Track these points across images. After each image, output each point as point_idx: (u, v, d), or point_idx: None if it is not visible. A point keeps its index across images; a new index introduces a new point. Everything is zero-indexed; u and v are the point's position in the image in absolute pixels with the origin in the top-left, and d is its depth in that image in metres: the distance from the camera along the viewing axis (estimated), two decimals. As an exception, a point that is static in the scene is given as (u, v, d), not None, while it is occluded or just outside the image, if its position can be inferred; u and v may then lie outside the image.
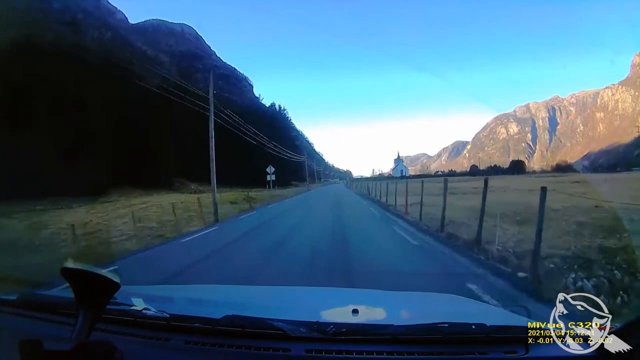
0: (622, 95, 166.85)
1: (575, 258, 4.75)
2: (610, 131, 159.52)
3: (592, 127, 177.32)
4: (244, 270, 5.22)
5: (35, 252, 8.81)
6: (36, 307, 1.36)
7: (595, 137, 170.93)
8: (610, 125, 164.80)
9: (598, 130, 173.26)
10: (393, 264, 5.38)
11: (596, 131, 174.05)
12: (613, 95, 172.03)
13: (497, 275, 4.41)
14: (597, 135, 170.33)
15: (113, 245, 9.20)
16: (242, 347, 1.09)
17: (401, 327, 1.13)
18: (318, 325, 1.11)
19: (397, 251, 6.50)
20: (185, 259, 6.56)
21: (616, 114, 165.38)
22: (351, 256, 5.98)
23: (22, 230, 13.72)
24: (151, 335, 1.17)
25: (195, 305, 1.59)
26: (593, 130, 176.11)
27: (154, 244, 8.75)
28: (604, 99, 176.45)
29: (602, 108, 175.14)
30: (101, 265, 0.93)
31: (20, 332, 1.17)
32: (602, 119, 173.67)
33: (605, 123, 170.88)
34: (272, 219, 13.30)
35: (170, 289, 2.18)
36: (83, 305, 0.88)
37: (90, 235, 11.46)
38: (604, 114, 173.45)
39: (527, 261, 4.57)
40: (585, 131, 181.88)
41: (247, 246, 7.88)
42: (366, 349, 1.07)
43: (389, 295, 1.92)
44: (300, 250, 6.70)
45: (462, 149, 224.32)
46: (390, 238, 7.94)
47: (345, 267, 5.08)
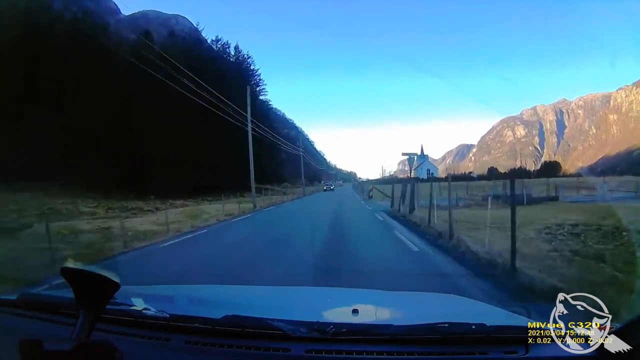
0: (636, 97, 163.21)
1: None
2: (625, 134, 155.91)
3: (605, 130, 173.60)
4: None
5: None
6: (36, 307, 1.37)
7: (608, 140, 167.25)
8: (625, 128, 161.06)
9: (611, 133, 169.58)
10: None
11: (609, 134, 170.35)
12: (627, 97, 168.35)
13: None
14: (610, 138, 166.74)
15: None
16: (242, 347, 1.10)
17: (401, 327, 1.13)
18: (318, 325, 1.11)
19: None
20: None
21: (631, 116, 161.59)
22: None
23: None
24: (151, 335, 1.18)
25: (195, 305, 1.60)
26: (606, 133, 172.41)
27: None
28: (617, 100, 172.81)
29: (616, 110, 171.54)
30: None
31: (20, 332, 1.18)
32: (615, 121, 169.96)
33: (619, 126, 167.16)
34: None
35: (170, 289, 2.19)
36: (83, 305, 0.89)
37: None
38: (618, 116, 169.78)
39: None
40: (598, 134, 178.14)
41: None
42: (366, 349, 1.07)
43: (389, 295, 1.91)
44: None
45: (467, 152, 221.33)
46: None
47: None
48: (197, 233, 10.61)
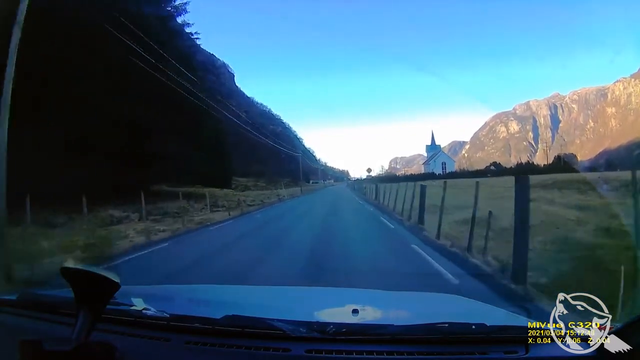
0: (635, 89, 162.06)
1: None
2: (625, 127, 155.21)
3: (603, 123, 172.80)
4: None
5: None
6: (36, 307, 1.37)
7: (607, 133, 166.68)
8: (624, 121, 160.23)
9: (610, 126, 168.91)
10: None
11: (608, 127, 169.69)
12: (625, 89, 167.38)
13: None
14: (609, 132, 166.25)
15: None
16: (242, 347, 1.10)
17: (401, 327, 1.12)
18: (318, 325, 1.11)
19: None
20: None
21: (629, 109, 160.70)
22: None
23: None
24: (151, 335, 1.18)
25: (195, 305, 1.60)
26: (604, 127, 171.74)
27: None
28: (615, 93, 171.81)
29: (614, 103, 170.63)
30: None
31: (20, 332, 1.19)
32: (614, 114, 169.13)
33: (618, 118, 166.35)
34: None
35: (170, 289, 2.19)
36: (83, 306, 0.89)
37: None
38: (616, 109, 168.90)
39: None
40: (596, 127, 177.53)
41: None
42: (366, 349, 1.07)
43: (389, 295, 1.92)
44: None
45: (459, 149, 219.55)
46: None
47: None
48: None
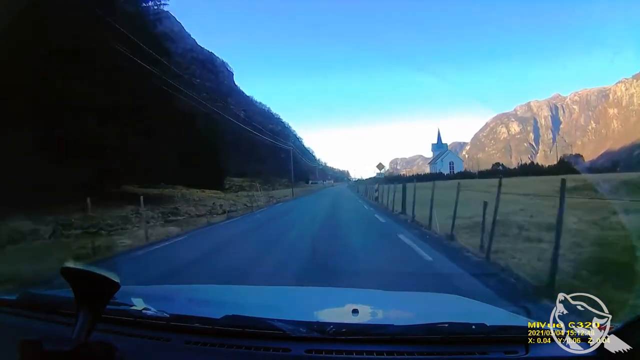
0: (637, 90, 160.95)
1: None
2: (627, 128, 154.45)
3: (605, 124, 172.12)
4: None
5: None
6: (36, 307, 1.37)
7: (609, 134, 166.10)
8: (626, 122, 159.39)
9: (612, 127, 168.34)
10: None
11: (610, 128, 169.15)
12: (627, 90, 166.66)
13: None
14: (611, 133, 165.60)
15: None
16: (242, 347, 1.10)
17: (401, 327, 1.12)
18: (318, 325, 1.11)
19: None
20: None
21: (631, 110, 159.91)
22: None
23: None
24: (151, 335, 1.18)
25: (195, 305, 1.60)
26: (606, 128, 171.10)
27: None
28: (617, 94, 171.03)
29: (616, 104, 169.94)
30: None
31: (20, 332, 1.18)
32: (616, 115, 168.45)
33: (620, 120, 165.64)
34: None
35: (170, 289, 2.19)
36: (83, 306, 0.89)
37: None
38: (618, 110, 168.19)
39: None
40: (598, 128, 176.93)
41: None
42: (366, 349, 1.07)
43: (389, 295, 1.91)
44: None
45: (459, 150, 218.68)
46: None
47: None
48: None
